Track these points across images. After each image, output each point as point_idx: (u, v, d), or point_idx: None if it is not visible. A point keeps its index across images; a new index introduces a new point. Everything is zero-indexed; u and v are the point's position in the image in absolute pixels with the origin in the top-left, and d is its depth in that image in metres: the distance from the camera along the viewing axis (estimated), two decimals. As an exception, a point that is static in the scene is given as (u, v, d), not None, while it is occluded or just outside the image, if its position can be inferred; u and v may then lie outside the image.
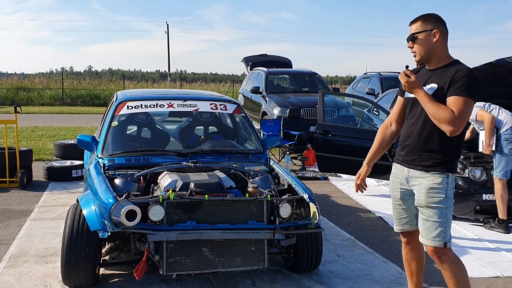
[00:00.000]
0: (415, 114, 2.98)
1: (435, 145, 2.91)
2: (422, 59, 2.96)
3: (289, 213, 3.62)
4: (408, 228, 3.17)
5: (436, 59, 2.94)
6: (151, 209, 3.33)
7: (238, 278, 3.88)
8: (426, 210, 2.93)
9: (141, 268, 3.30)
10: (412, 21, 2.97)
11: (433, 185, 2.90)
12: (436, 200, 2.90)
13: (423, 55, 2.94)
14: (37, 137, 11.86)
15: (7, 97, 25.00)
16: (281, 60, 14.82)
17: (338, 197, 6.95)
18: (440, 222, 2.90)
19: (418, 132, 2.95)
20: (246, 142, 5.12)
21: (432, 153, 2.92)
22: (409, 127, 3.03)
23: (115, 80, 33.09)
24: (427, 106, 2.81)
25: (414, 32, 2.93)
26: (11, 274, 3.87)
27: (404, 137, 3.07)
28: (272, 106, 11.04)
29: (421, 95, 2.84)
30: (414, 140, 2.97)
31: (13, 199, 6.28)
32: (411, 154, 2.99)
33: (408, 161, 3.02)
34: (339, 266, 4.26)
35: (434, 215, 2.91)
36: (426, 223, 2.94)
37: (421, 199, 2.94)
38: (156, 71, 76.12)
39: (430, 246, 2.93)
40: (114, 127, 4.68)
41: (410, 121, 3.02)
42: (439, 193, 2.90)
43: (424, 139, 2.93)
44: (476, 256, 4.54)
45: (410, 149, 3.00)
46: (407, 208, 3.12)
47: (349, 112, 10.33)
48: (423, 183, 2.93)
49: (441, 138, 2.87)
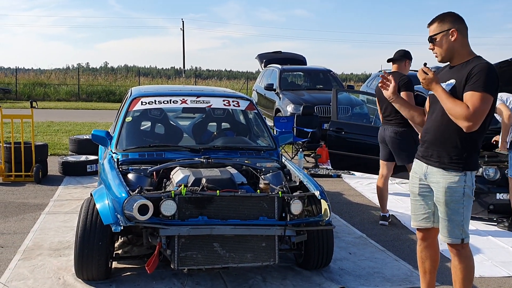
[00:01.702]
0: (434, 110, 3.02)
1: (452, 141, 2.93)
2: (443, 59, 3.00)
3: (300, 210, 3.62)
4: (424, 224, 3.18)
5: (457, 57, 2.96)
6: (163, 204, 3.36)
7: (248, 274, 3.90)
8: (443, 208, 2.97)
9: (153, 262, 3.34)
10: (429, 23, 3.01)
11: (451, 184, 2.92)
12: (453, 199, 2.92)
13: (444, 56, 2.98)
14: (52, 132, 12.00)
15: (24, 92, 25.32)
16: (295, 57, 14.77)
17: (351, 195, 6.94)
18: (457, 220, 2.94)
19: (436, 127, 2.98)
20: (258, 138, 5.14)
21: (449, 149, 2.93)
22: (428, 122, 3.08)
23: (131, 76, 33.31)
24: (444, 102, 2.85)
25: (432, 35, 2.97)
26: (25, 267, 3.93)
27: (423, 133, 3.11)
28: (285, 103, 11.04)
29: (439, 91, 2.87)
30: (432, 135, 3.01)
31: (29, 193, 6.37)
32: (429, 149, 3.03)
33: (426, 157, 3.05)
34: (350, 263, 4.25)
35: (452, 213, 2.94)
36: (443, 221, 2.98)
37: (440, 197, 2.97)
38: (171, 68, 76.43)
39: (448, 243, 3.00)
40: (128, 122, 4.73)
41: (429, 117, 3.08)
42: (456, 192, 2.92)
43: (442, 135, 2.96)
44: (488, 256, 4.51)
45: (429, 145, 3.04)
46: (425, 204, 3.14)
47: (363, 110, 10.30)
48: (441, 181, 2.96)
49: (459, 134, 2.89)
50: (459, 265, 3.02)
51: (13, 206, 5.72)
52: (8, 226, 4.99)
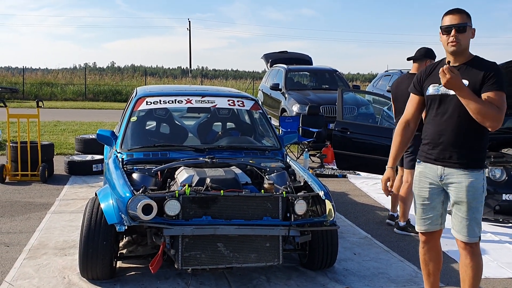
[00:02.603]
0: (446, 111, 2.96)
1: (472, 142, 2.93)
2: (459, 51, 2.92)
3: (304, 210, 3.62)
4: (431, 228, 3.14)
5: (465, 55, 2.95)
6: (167, 204, 3.37)
7: (252, 274, 3.90)
8: (465, 207, 2.95)
9: (157, 262, 3.35)
10: (457, 10, 2.94)
11: (473, 183, 2.92)
12: (475, 196, 2.93)
13: (463, 48, 2.92)
14: (59, 132, 12.04)
15: (31, 92, 25.42)
16: (301, 57, 14.76)
17: (356, 195, 6.92)
18: (477, 218, 2.96)
19: (454, 129, 2.93)
20: (263, 138, 5.13)
21: (469, 149, 2.94)
22: (440, 124, 2.99)
23: (137, 76, 33.40)
24: (471, 103, 2.78)
25: (463, 23, 2.89)
26: (30, 266, 3.95)
27: (435, 135, 3.02)
28: (291, 103, 11.03)
29: (465, 92, 2.79)
30: (449, 137, 2.95)
31: (34, 192, 6.40)
32: (446, 151, 2.98)
33: (443, 159, 2.99)
34: (355, 264, 4.24)
35: (473, 212, 2.94)
36: (464, 221, 2.96)
37: (462, 197, 2.94)
38: (178, 68, 76.49)
39: (466, 242, 2.98)
40: (133, 122, 4.74)
41: (440, 118, 2.99)
42: (478, 190, 2.93)
43: (462, 135, 2.93)
44: (494, 257, 4.48)
45: (445, 147, 2.97)
46: (433, 207, 3.10)
47: (369, 110, 10.26)
48: (462, 181, 2.93)
49: (477, 134, 2.91)
50: (470, 263, 3.01)
51: (19, 205, 5.74)
52: (14, 225, 5.01)
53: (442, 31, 2.95)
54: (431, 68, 3.10)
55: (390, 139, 7.49)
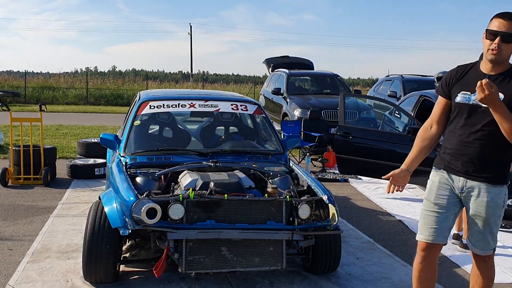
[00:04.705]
0: (476, 123, 2.77)
1: (498, 156, 2.79)
2: (498, 61, 2.70)
3: (308, 214, 3.62)
4: (438, 239, 2.92)
5: (503, 65, 2.75)
6: (171, 208, 3.37)
7: (256, 278, 3.90)
8: (482, 222, 2.84)
9: (161, 266, 3.34)
10: (509, 16, 2.66)
11: (495, 199, 2.80)
12: (495, 212, 2.82)
13: (503, 58, 2.71)
14: (61, 135, 12.05)
15: (33, 95, 25.46)
16: (303, 61, 14.81)
17: (358, 200, 6.92)
18: (494, 233, 2.87)
19: (482, 142, 2.76)
20: (266, 142, 5.14)
21: (495, 164, 2.79)
22: (467, 135, 2.80)
23: (139, 80, 33.43)
24: (505, 122, 2.61)
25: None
26: (33, 269, 3.95)
27: (460, 145, 2.83)
28: (293, 108, 11.05)
29: (501, 109, 2.60)
30: (476, 150, 2.78)
31: (37, 196, 6.41)
32: (471, 164, 2.80)
33: (467, 172, 2.82)
34: (357, 268, 4.24)
35: (490, 227, 2.85)
36: (480, 235, 2.87)
37: (481, 212, 2.82)
38: (179, 72, 76.60)
39: (481, 255, 2.92)
40: (136, 126, 4.75)
41: (469, 129, 2.79)
42: (499, 205, 2.82)
43: (489, 150, 2.76)
44: (497, 262, 4.41)
45: (470, 159, 2.80)
46: (446, 218, 2.92)
47: (370, 115, 10.27)
48: (485, 196, 2.80)
49: (504, 149, 2.76)
50: (482, 274, 2.95)
51: (22, 209, 5.75)
52: (17, 229, 5.02)
53: (487, 35, 2.69)
54: (462, 72, 2.88)
55: (391, 144, 7.51)
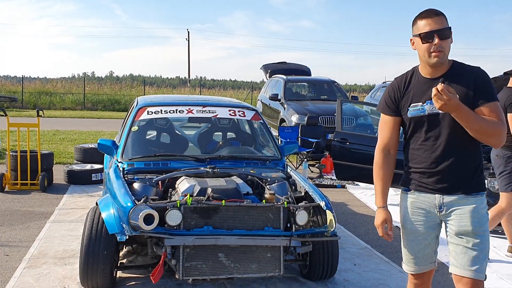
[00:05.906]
0: (439, 134, 2.51)
1: (472, 164, 2.52)
2: (443, 60, 2.45)
3: (305, 220, 3.62)
4: (425, 268, 2.68)
5: (445, 64, 2.49)
6: (169, 214, 3.37)
7: (253, 285, 3.89)
8: (471, 237, 2.50)
9: (158, 272, 3.33)
10: (434, 12, 2.44)
11: (478, 209, 2.51)
12: (480, 223, 2.51)
13: (447, 56, 2.46)
14: (58, 141, 12.04)
15: (30, 101, 25.41)
16: (300, 68, 14.84)
17: (355, 206, 6.93)
18: (485, 249, 2.53)
19: (451, 153, 2.50)
20: (263, 148, 5.15)
21: (470, 172, 2.51)
22: (433, 150, 2.53)
23: (136, 85, 33.43)
24: (473, 123, 2.37)
25: (446, 27, 2.41)
26: (30, 275, 3.94)
27: (430, 163, 2.54)
28: (290, 113, 11.07)
29: (466, 112, 2.35)
30: (448, 164, 2.50)
31: (34, 201, 6.39)
32: (446, 179, 2.52)
33: (441, 188, 2.54)
34: (355, 275, 4.24)
35: (481, 242, 2.51)
36: (470, 252, 2.49)
37: (467, 225, 2.49)
38: (176, 77, 76.68)
39: (472, 278, 2.48)
40: (134, 132, 4.75)
41: (433, 141, 2.53)
42: (483, 216, 2.53)
43: (460, 159, 2.50)
44: (493, 268, 4.49)
45: (444, 175, 2.52)
46: (428, 244, 2.64)
47: (367, 121, 10.29)
48: (466, 208, 2.51)
49: (473, 153, 2.53)
50: None
51: (19, 214, 5.73)
52: (14, 234, 5.00)
53: (422, 39, 2.43)
54: (404, 84, 2.61)
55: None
